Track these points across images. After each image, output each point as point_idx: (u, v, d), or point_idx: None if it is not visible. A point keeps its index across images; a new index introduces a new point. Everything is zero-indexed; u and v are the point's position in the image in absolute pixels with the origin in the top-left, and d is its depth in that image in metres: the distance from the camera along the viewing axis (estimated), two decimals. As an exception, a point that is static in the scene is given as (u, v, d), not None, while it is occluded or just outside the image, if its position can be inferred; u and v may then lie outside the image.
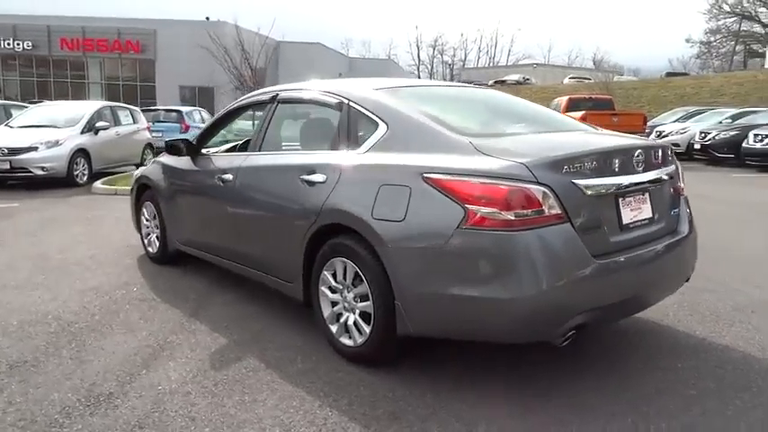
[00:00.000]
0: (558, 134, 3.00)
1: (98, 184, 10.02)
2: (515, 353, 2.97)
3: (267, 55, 13.85)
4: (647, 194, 2.74)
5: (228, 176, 3.73)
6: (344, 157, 2.95)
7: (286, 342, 3.22)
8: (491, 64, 77.65)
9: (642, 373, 2.82)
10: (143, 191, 5.01)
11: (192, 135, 4.80)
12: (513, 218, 2.27)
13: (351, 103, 3.09)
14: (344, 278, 2.90)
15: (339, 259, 2.90)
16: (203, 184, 4.08)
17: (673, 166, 2.95)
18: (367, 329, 2.79)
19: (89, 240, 5.87)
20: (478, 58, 79.19)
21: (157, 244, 4.85)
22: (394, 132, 2.81)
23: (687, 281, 3.06)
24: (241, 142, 4.65)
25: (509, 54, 79.18)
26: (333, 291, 3.00)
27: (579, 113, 16.77)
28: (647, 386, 2.67)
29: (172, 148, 4.29)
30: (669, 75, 36.94)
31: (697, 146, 16.82)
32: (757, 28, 44.06)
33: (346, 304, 2.93)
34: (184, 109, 16.25)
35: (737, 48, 45.04)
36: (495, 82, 39.15)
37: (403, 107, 2.93)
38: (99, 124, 11.04)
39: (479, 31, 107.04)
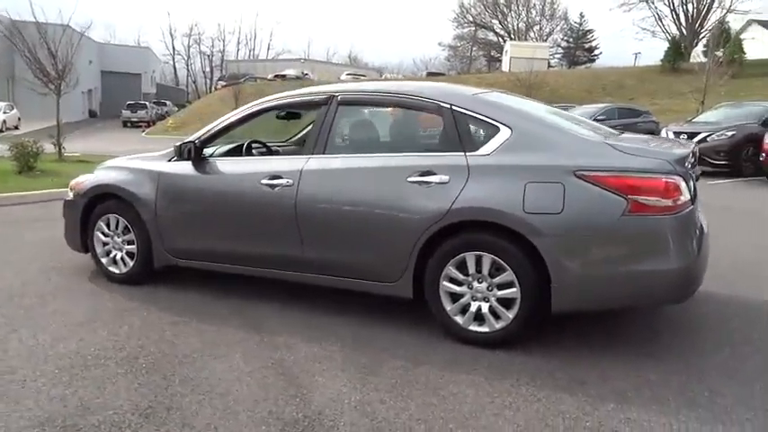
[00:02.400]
0: (639, 135, 3.67)
1: None
2: (582, 324, 3.53)
3: (71, 44, 11.96)
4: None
5: (285, 180, 3.55)
6: (468, 159, 3.14)
7: (396, 341, 3.27)
8: (251, 56, 76.75)
9: (701, 326, 3.61)
10: (97, 202, 4.31)
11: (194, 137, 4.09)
12: (671, 204, 2.80)
13: (455, 108, 3.27)
14: (477, 270, 3.12)
15: (472, 253, 3.10)
16: (234, 190, 3.78)
17: None
18: (510, 314, 3.06)
19: (-11, 267, 4.76)
20: (238, 50, 77.36)
21: (130, 262, 4.25)
22: (520, 135, 3.10)
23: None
24: (236, 145, 4.33)
25: (269, 48, 78.87)
26: (458, 284, 3.18)
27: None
28: (714, 330, 3.47)
29: (188, 151, 3.86)
30: (430, 74, 41.45)
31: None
32: (492, 36, 52.38)
33: (478, 294, 3.14)
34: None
35: (481, 53, 52.93)
36: (275, 76, 39.26)
37: (519, 112, 3.25)
38: None
39: (237, 22, 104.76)
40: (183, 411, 2.54)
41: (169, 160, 4.08)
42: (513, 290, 3.03)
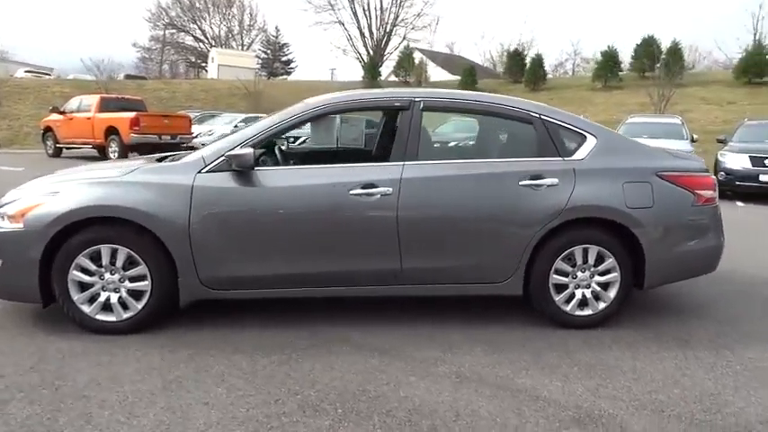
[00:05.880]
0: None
1: None
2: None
3: None
4: None
5: (382, 190, 3.34)
6: (569, 163, 3.51)
7: (517, 336, 3.44)
8: None
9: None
10: (75, 231, 3.24)
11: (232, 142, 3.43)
12: (714, 195, 3.69)
13: (544, 117, 3.60)
14: (583, 262, 3.52)
15: (580, 246, 3.49)
16: (315, 203, 3.35)
17: None
18: (611, 295, 3.56)
19: None
20: None
21: (136, 304, 3.32)
22: (604, 143, 3.61)
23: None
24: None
25: None
26: (565, 275, 3.53)
27: (117, 114, 16.21)
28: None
29: (244, 161, 3.26)
30: (129, 77, 37.70)
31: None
32: (189, 41, 50.34)
33: (582, 282, 3.55)
34: None
35: (179, 57, 50.20)
36: None
37: (593, 123, 3.74)
38: None
39: None
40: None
41: (200, 171, 3.34)
42: (615, 274, 3.54)
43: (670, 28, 68.45)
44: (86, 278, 3.28)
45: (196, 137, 19.71)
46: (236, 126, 21.62)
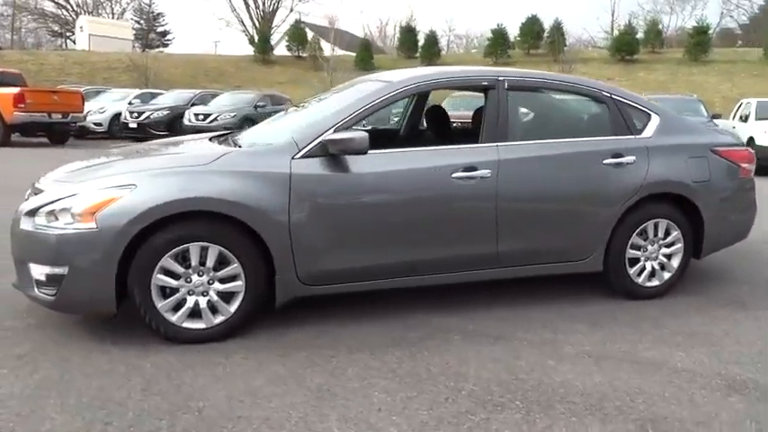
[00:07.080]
0: None
1: None
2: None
3: None
4: None
5: (482, 172, 3.27)
6: (641, 141, 3.64)
7: (606, 312, 3.56)
8: None
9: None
10: (158, 229, 2.83)
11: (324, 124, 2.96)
12: (751, 167, 4.03)
13: (614, 96, 3.69)
14: (654, 235, 3.70)
15: (652, 221, 3.66)
16: (422, 188, 3.23)
17: None
18: (675, 264, 3.78)
19: None
20: None
21: (228, 308, 2.99)
22: (665, 121, 3.78)
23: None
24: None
25: None
26: (638, 249, 3.69)
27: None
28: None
29: (354, 145, 3.03)
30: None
31: (133, 125, 17.56)
32: (51, 7, 44.72)
33: (652, 255, 3.73)
34: None
35: (38, 26, 44.37)
36: None
37: (653, 102, 3.89)
38: None
39: None
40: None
41: (294, 156, 3.04)
42: (679, 246, 3.76)
43: (537, 7, 72.69)
44: (172, 282, 2.89)
45: (87, 115, 17.92)
46: (130, 103, 19.92)
